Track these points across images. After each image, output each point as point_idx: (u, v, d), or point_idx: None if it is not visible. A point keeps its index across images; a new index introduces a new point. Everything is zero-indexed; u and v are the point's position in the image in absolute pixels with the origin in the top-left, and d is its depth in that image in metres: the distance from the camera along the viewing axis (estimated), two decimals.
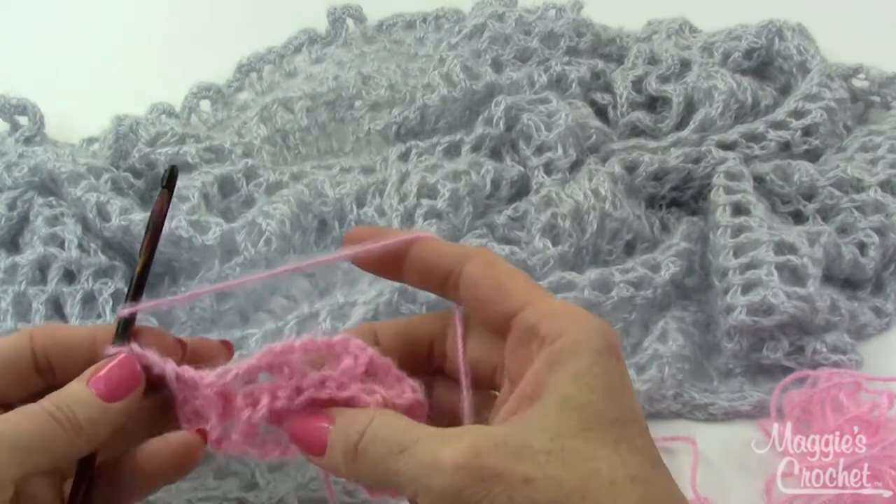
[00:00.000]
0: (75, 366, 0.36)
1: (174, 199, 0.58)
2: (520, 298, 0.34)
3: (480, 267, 0.35)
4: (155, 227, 0.39)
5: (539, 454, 0.29)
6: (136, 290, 0.38)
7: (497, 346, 0.36)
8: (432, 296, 0.54)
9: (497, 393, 0.36)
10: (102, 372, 0.35)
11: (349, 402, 0.34)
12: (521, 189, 0.62)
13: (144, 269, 0.38)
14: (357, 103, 0.69)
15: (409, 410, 0.34)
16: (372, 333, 0.38)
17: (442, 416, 0.37)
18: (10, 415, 0.34)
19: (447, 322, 0.38)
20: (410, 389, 0.35)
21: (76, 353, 0.37)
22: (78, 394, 0.34)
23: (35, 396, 0.35)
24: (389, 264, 0.37)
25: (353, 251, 0.36)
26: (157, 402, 0.37)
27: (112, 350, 0.36)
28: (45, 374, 0.37)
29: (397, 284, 0.53)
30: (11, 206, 0.58)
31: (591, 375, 0.31)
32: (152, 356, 0.36)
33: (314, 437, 0.34)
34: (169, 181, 0.40)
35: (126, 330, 0.37)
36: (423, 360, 0.39)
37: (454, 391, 0.37)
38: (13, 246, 0.58)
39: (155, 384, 0.36)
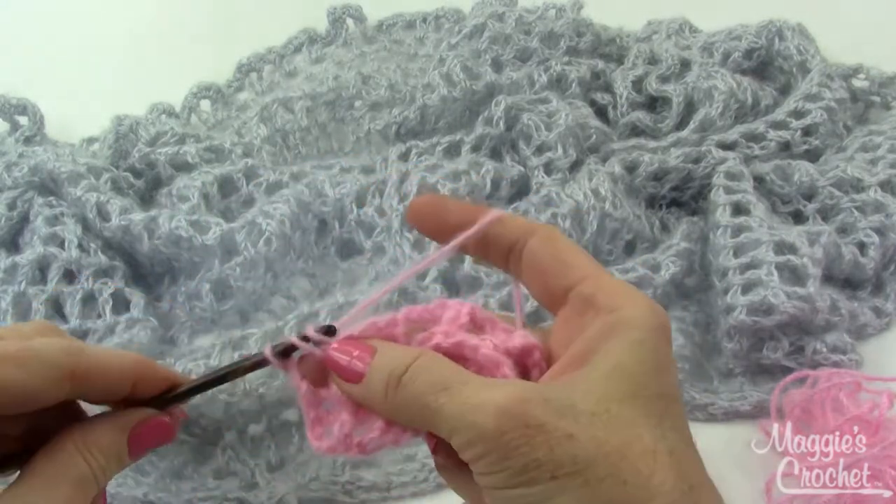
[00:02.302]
0: (106, 387, 0.35)
1: (174, 200, 0.59)
2: (579, 272, 0.35)
3: (544, 241, 0.36)
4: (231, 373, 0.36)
5: (583, 414, 0.30)
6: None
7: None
8: (433, 296, 0.54)
9: None
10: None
11: (457, 349, 0.34)
12: (521, 189, 0.62)
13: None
14: (357, 103, 0.69)
15: (524, 355, 0.35)
16: None
17: None
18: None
19: None
20: (520, 336, 0.35)
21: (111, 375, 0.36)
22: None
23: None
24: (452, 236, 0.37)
25: (452, 245, 0.36)
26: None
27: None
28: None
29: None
30: (11, 206, 0.58)
31: (643, 349, 0.32)
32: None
33: (352, 364, 0.34)
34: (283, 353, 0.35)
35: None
36: None
37: None
38: (13, 246, 0.58)
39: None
